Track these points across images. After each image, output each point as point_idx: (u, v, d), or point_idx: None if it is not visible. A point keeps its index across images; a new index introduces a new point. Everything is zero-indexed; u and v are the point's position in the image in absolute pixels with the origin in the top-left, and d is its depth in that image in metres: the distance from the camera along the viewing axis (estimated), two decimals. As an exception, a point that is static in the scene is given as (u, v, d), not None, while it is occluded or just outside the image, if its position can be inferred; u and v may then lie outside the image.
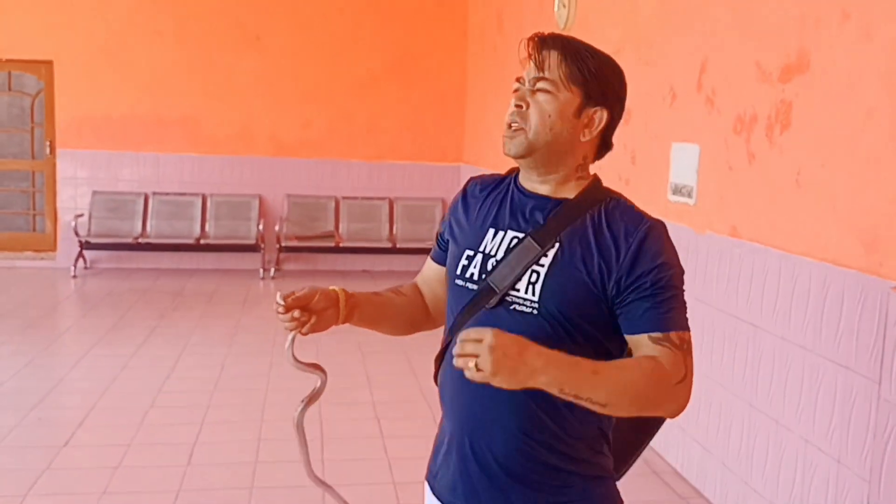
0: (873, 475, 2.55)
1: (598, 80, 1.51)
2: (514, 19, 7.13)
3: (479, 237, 1.58)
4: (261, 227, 8.53)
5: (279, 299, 1.51)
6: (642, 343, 1.43)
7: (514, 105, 1.53)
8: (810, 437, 2.89)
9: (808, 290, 2.92)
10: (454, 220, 1.68)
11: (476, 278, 1.54)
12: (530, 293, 1.47)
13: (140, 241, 8.33)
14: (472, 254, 1.57)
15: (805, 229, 2.98)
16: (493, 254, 1.53)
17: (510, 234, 1.54)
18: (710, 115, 3.69)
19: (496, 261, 1.52)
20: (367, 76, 8.85)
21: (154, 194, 8.57)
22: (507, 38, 7.39)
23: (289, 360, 1.59)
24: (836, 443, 2.75)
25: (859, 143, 2.70)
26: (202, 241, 8.45)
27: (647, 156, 4.32)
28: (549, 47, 1.51)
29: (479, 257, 1.55)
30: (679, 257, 1.49)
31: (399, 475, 3.80)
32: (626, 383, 1.36)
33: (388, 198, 8.93)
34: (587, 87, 1.50)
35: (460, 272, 1.57)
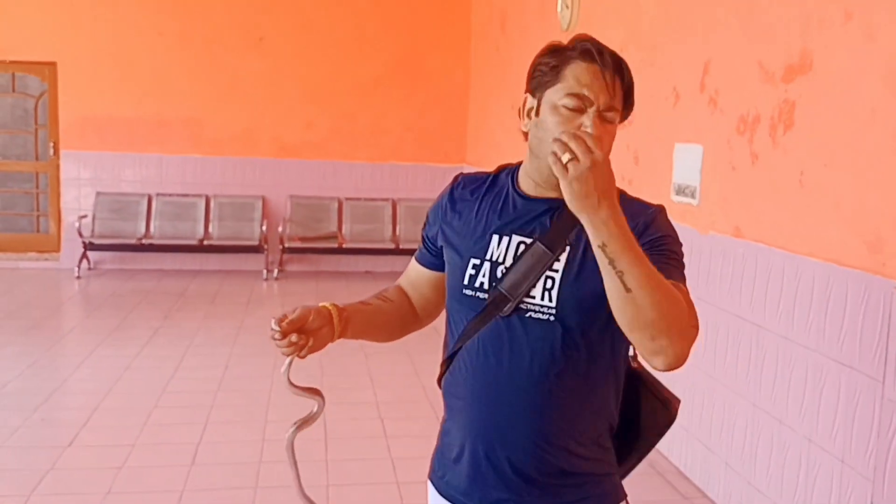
0: (877, 474, 2.56)
1: (632, 96, 1.49)
2: (517, 21, 7.13)
3: (482, 244, 1.55)
4: (264, 228, 8.54)
5: (274, 325, 1.44)
6: None
7: (591, 129, 1.40)
8: (814, 436, 2.90)
9: (811, 289, 2.93)
10: (446, 225, 1.64)
11: (486, 287, 1.51)
12: (547, 299, 1.46)
13: (143, 242, 8.35)
14: (478, 262, 1.54)
15: (808, 229, 2.98)
16: (501, 261, 1.51)
17: (516, 238, 1.52)
18: (713, 116, 3.69)
19: (505, 268, 1.50)
20: (370, 77, 8.87)
21: (157, 195, 8.59)
22: (509, 39, 7.40)
23: (286, 386, 1.52)
24: (839, 442, 2.75)
25: (862, 143, 2.70)
26: (205, 242, 8.47)
27: (650, 156, 4.33)
28: (607, 68, 1.45)
29: (487, 266, 1.52)
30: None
31: (402, 475, 3.81)
32: (659, 284, 1.29)
33: (391, 199, 8.94)
34: (626, 107, 1.49)
35: (468, 282, 1.54)
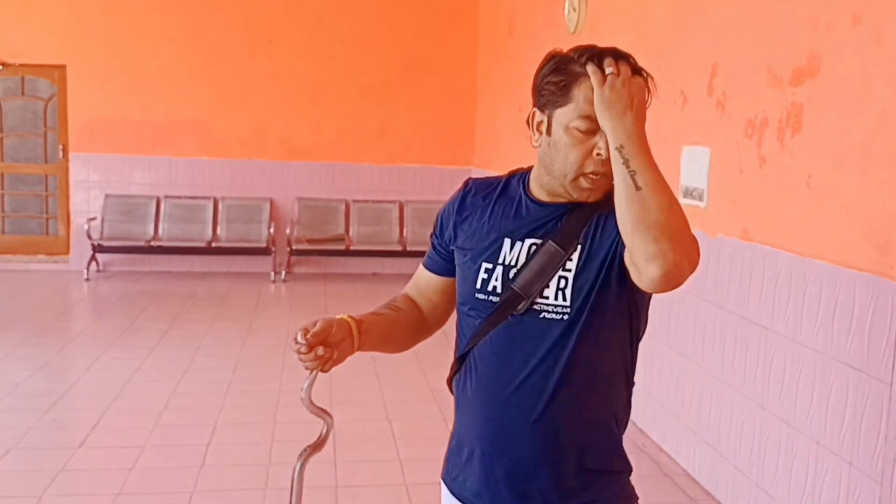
0: (885, 477, 2.56)
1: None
2: (525, 23, 7.14)
3: (495, 249, 1.56)
4: (272, 230, 8.57)
5: (300, 338, 1.40)
6: None
7: (604, 153, 1.46)
8: (822, 439, 2.90)
9: (819, 292, 2.93)
10: (457, 229, 1.64)
11: (499, 290, 1.53)
12: (561, 299, 1.48)
13: (152, 244, 8.39)
14: (490, 267, 1.55)
15: (816, 232, 2.99)
16: (514, 264, 1.53)
17: (528, 241, 1.54)
18: (720, 119, 3.70)
19: (517, 269, 1.52)
20: (377, 80, 8.89)
21: (166, 197, 8.63)
22: (517, 41, 7.41)
23: (304, 402, 1.47)
24: (847, 445, 2.76)
25: (870, 146, 2.70)
26: (214, 245, 8.51)
27: (658, 159, 4.28)
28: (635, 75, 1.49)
29: (500, 269, 1.53)
30: None
31: (411, 476, 3.82)
32: (668, 190, 1.42)
33: (399, 201, 8.96)
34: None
35: (480, 286, 1.55)
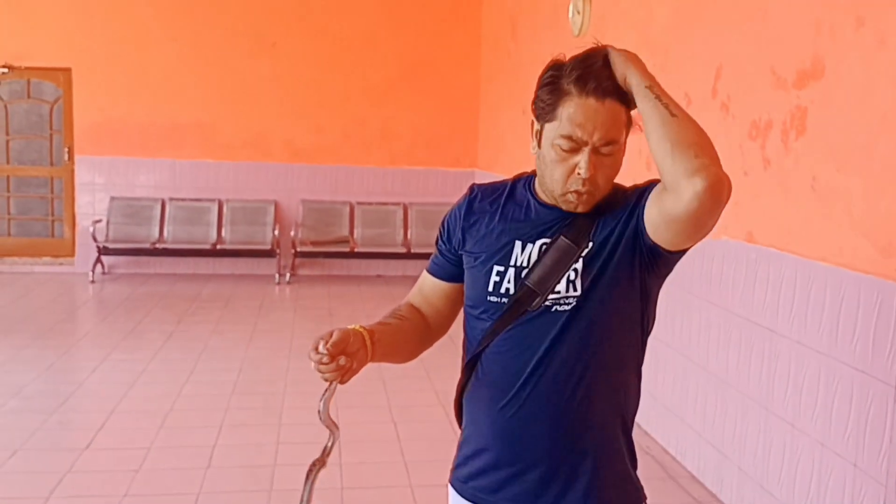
0: (889, 479, 2.57)
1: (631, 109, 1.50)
2: (528, 25, 7.15)
3: (506, 252, 1.56)
4: (276, 232, 8.59)
5: (322, 348, 1.36)
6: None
7: (584, 172, 1.45)
8: (826, 440, 2.91)
9: (823, 294, 2.94)
10: (465, 234, 1.64)
11: (512, 292, 1.54)
12: (572, 290, 1.50)
13: (157, 246, 8.42)
14: (502, 269, 1.55)
15: (821, 234, 3.00)
16: (527, 265, 1.54)
17: (539, 242, 1.55)
18: (725, 121, 3.70)
19: (530, 268, 1.53)
20: (381, 82, 8.91)
21: (171, 200, 8.65)
22: (520, 44, 7.43)
23: (321, 415, 1.42)
24: (852, 446, 2.76)
25: (874, 149, 2.71)
26: (218, 247, 8.54)
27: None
28: (607, 96, 1.44)
29: (512, 271, 1.54)
30: None
31: (416, 478, 3.83)
32: (696, 122, 1.42)
33: (403, 203, 8.98)
34: (630, 124, 1.51)
35: (493, 288, 1.56)
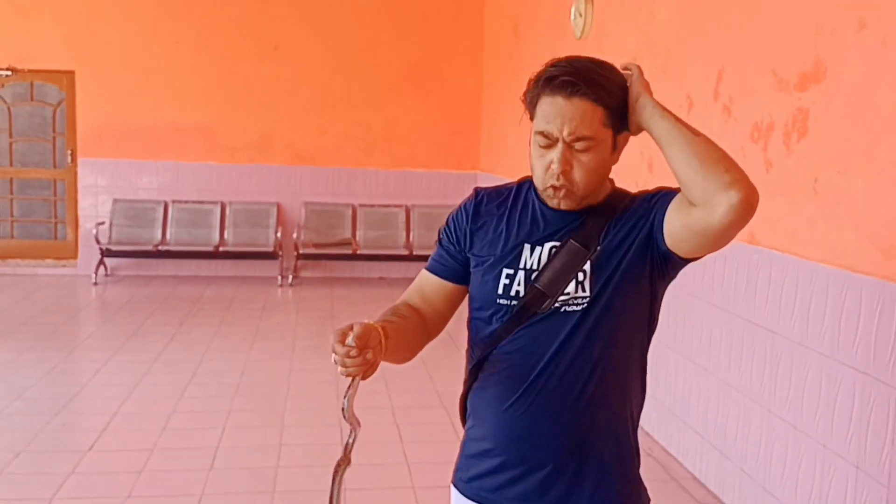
0: (892, 480, 2.57)
1: (620, 106, 1.50)
2: (530, 28, 7.16)
3: (515, 255, 1.57)
4: (279, 234, 8.60)
5: (350, 341, 1.32)
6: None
7: (556, 167, 1.47)
8: (828, 442, 2.91)
9: (825, 296, 2.94)
10: (473, 237, 1.63)
11: (522, 294, 1.54)
12: (580, 290, 1.51)
13: (160, 248, 8.43)
14: (512, 272, 1.56)
15: (822, 236, 3.00)
16: (536, 268, 1.55)
17: (548, 245, 1.56)
18: (727, 123, 3.71)
19: (540, 270, 1.54)
20: (383, 84, 8.92)
21: (173, 202, 8.66)
22: (522, 46, 7.43)
23: (346, 412, 1.38)
24: (854, 448, 2.77)
25: (876, 151, 2.72)
26: (221, 249, 8.54)
27: (664, 164, 4.31)
28: (575, 94, 1.44)
29: (522, 274, 1.55)
30: None
31: (418, 480, 3.83)
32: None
33: (405, 205, 8.98)
34: (616, 120, 1.50)
35: (503, 291, 1.56)
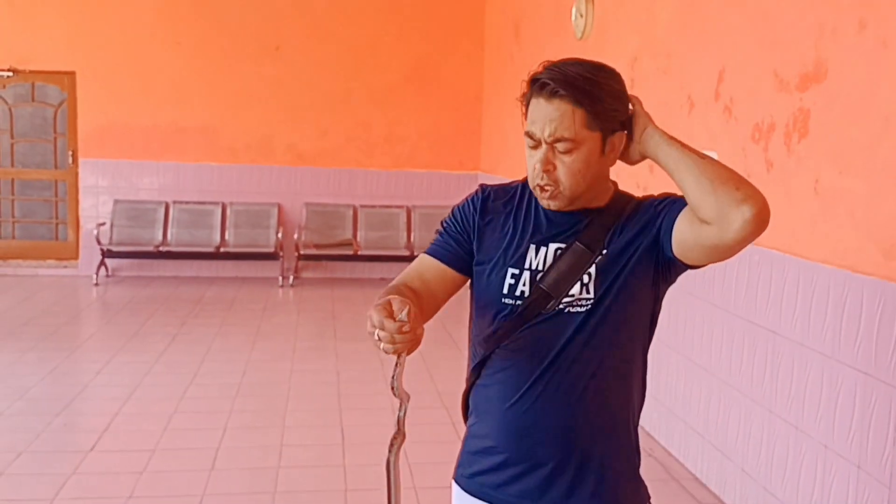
0: (893, 480, 2.57)
1: (610, 109, 1.48)
2: (531, 28, 7.17)
3: (520, 255, 1.57)
4: (280, 235, 8.60)
5: (403, 316, 1.30)
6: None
7: (539, 167, 1.49)
8: (830, 442, 2.91)
9: (826, 296, 2.94)
10: (481, 232, 1.64)
11: (528, 294, 1.55)
12: (585, 293, 1.51)
13: (161, 249, 8.43)
14: (517, 272, 1.56)
15: (823, 237, 3.00)
16: (541, 269, 1.55)
17: (553, 245, 1.56)
18: (727, 124, 3.71)
19: (545, 271, 1.54)
20: (384, 85, 8.93)
21: (174, 203, 8.66)
22: (523, 47, 7.44)
23: (396, 390, 1.38)
24: (855, 448, 2.77)
25: (877, 151, 2.72)
26: (222, 250, 8.54)
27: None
28: (554, 96, 1.44)
29: (527, 274, 1.55)
30: None
31: (420, 480, 3.83)
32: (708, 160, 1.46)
33: (406, 206, 8.98)
34: (604, 122, 1.48)
35: (507, 291, 1.56)
